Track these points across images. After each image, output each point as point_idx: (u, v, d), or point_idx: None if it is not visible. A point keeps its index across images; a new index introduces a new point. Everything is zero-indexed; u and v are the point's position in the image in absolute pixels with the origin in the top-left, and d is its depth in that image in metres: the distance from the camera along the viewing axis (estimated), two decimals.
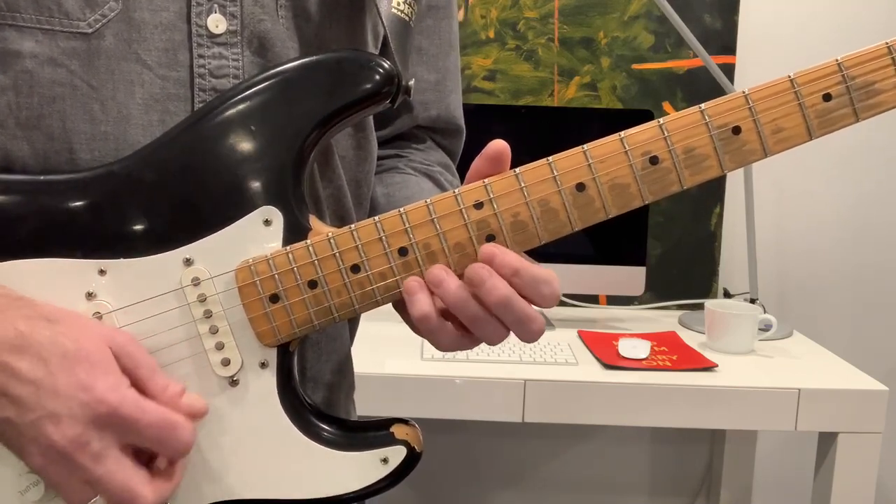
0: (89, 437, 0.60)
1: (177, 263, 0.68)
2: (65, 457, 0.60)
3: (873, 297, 2.21)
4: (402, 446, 0.69)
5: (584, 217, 0.68)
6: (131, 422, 0.61)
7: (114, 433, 0.61)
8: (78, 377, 0.60)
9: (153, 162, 0.68)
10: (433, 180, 0.92)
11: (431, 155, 0.96)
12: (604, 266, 1.99)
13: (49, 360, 0.60)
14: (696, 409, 1.62)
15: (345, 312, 0.69)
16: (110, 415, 0.60)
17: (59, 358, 0.60)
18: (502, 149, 0.68)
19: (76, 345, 0.61)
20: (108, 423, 0.60)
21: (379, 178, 0.91)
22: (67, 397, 0.60)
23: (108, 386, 0.60)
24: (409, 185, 0.89)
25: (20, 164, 0.69)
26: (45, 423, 0.60)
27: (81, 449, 0.60)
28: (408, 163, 0.93)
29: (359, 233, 0.68)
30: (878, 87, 0.66)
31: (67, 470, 0.61)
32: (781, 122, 0.67)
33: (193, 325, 0.68)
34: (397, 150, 0.95)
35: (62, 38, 0.68)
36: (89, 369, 0.60)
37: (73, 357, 0.60)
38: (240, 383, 0.69)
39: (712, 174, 0.67)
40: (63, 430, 0.60)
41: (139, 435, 0.61)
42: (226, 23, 0.71)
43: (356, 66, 0.71)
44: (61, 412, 0.59)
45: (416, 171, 0.93)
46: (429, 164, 0.94)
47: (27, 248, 0.67)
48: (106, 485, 0.61)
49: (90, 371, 0.60)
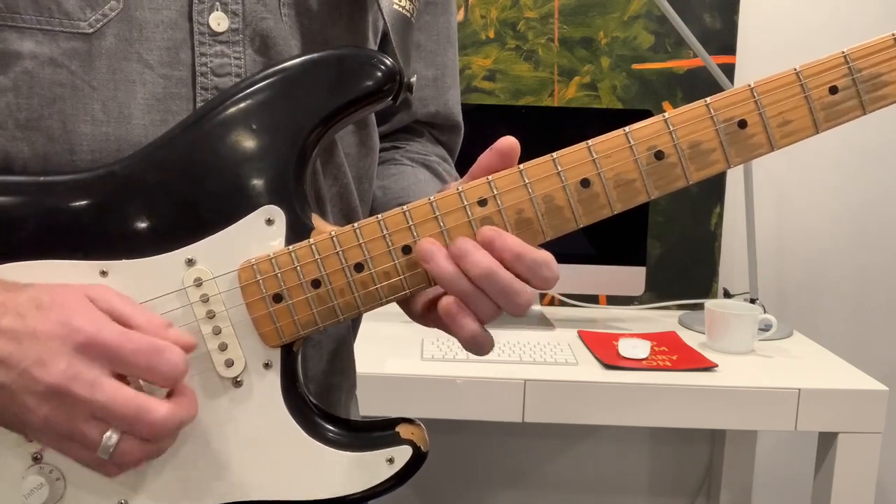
0: (77, 368, 0.59)
1: (179, 264, 0.68)
2: (61, 395, 0.59)
3: (873, 297, 2.21)
4: (407, 446, 0.69)
5: (588, 213, 0.68)
6: (115, 348, 0.60)
7: (101, 362, 0.60)
8: (55, 319, 0.60)
9: (154, 162, 0.68)
10: (430, 170, 0.92)
11: (430, 148, 0.96)
12: (604, 266, 1.99)
13: (26, 314, 0.60)
14: (696, 409, 1.62)
15: (349, 312, 0.69)
16: (91, 342, 0.59)
17: (35, 309, 0.60)
18: (513, 145, 0.68)
19: (51, 296, 0.61)
20: (92, 353, 0.59)
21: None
22: (47, 338, 0.59)
23: (86, 319, 0.60)
24: (405, 175, 0.89)
25: (20, 165, 0.68)
26: (32, 370, 0.59)
27: (74, 381, 0.59)
28: (404, 153, 0.93)
29: (362, 231, 0.68)
30: (884, 78, 0.66)
31: (69, 410, 0.59)
32: (788, 116, 0.66)
33: (196, 325, 0.68)
34: (393, 142, 0.94)
35: (62, 39, 0.68)
36: (66, 311, 0.60)
37: (48, 305, 0.60)
38: (244, 384, 0.68)
39: (718, 168, 0.67)
40: (50, 369, 0.59)
41: (125, 363, 0.60)
42: (228, 21, 0.71)
43: (357, 63, 0.70)
44: (44, 353, 0.59)
45: (413, 161, 0.92)
46: (426, 154, 0.94)
47: (28, 249, 0.66)
48: (112, 409, 0.59)
49: (66, 312, 0.60)
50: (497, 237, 0.66)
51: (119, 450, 0.61)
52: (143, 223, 0.68)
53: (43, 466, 0.66)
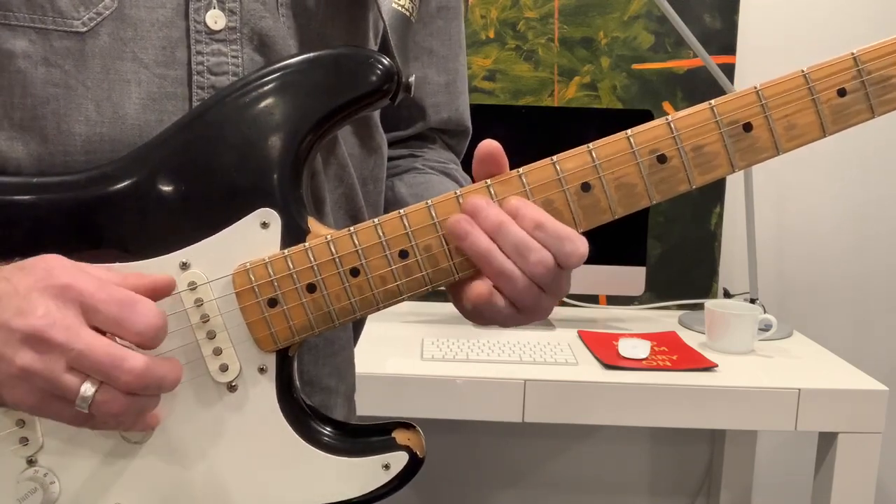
0: (55, 315, 0.58)
1: (173, 267, 0.67)
2: (38, 339, 0.58)
3: (873, 297, 2.21)
4: (404, 452, 0.69)
5: (589, 218, 0.67)
6: (87, 295, 0.59)
7: (77, 310, 0.59)
8: (36, 275, 0.60)
9: (148, 163, 0.67)
10: (452, 178, 0.92)
11: (443, 154, 0.96)
12: (604, 266, 1.98)
13: (10, 276, 0.60)
14: (696, 409, 1.61)
15: (345, 317, 0.68)
16: (67, 287, 0.59)
17: (18, 270, 0.61)
18: (492, 149, 0.67)
19: (35, 259, 0.61)
20: (68, 298, 0.59)
21: (400, 179, 0.90)
22: (27, 290, 0.59)
23: (65, 271, 0.60)
24: (433, 185, 0.89)
25: (14, 166, 0.68)
26: (11, 322, 0.59)
27: (52, 326, 0.58)
28: (424, 162, 0.93)
29: (358, 236, 0.67)
30: (895, 81, 0.64)
31: (47, 359, 0.59)
32: (794, 119, 0.65)
33: (190, 330, 0.67)
34: (411, 150, 0.94)
35: (56, 38, 0.67)
36: (47, 266, 0.60)
37: (31, 266, 0.61)
38: (238, 389, 0.68)
39: (722, 173, 0.66)
40: (28, 317, 0.58)
41: (98, 311, 0.59)
42: (225, 19, 0.70)
43: (354, 63, 0.69)
44: (23, 304, 0.59)
45: (435, 169, 0.92)
46: (444, 162, 0.94)
47: (20, 251, 0.65)
48: (88, 356, 0.58)
49: (47, 267, 0.60)
50: (522, 206, 0.65)
51: (96, 400, 0.59)
52: (137, 225, 0.67)
53: (38, 470, 0.66)
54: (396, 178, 0.90)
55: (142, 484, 0.68)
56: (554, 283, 0.67)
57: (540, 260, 0.65)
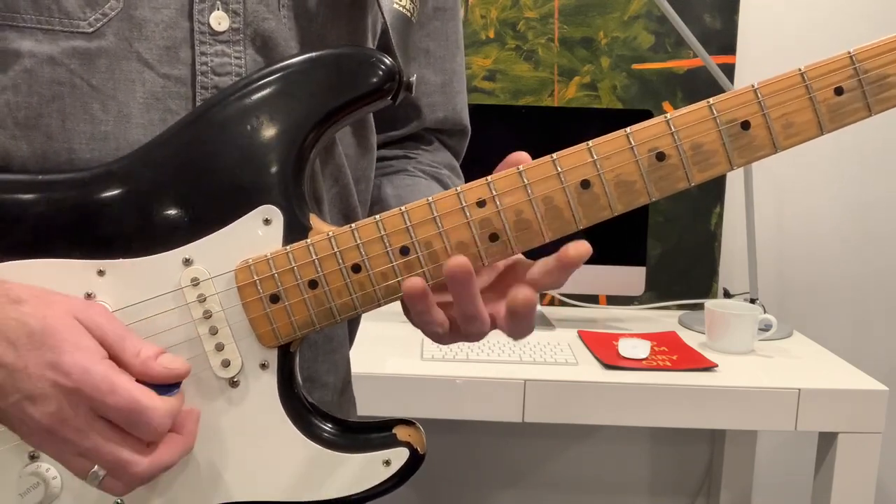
0: (66, 413, 0.60)
1: (176, 263, 0.67)
2: (51, 433, 0.61)
3: (873, 297, 2.21)
4: (404, 448, 0.69)
5: (589, 215, 0.67)
6: (97, 401, 0.60)
7: (87, 409, 0.60)
8: (45, 357, 0.60)
9: (151, 161, 0.68)
10: (442, 184, 0.92)
11: (438, 156, 0.96)
12: (604, 266, 1.98)
13: (17, 342, 0.60)
14: (696, 409, 1.61)
15: (346, 313, 0.68)
16: (76, 391, 0.60)
17: (27, 338, 0.60)
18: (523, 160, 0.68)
19: (42, 323, 0.61)
20: (78, 401, 0.60)
21: (388, 179, 0.90)
22: (38, 377, 0.60)
23: (74, 361, 0.60)
24: (419, 187, 0.89)
25: (19, 163, 0.68)
26: (24, 405, 0.60)
27: (63, 424, 0.60)
28: (416, 164, 0.93)
29: (359, 232, 0.67)
30: (891, 80, 0.65)
31: (59, 445, 0.61)
32: (792, 117, 0.65)
33: (193, 325, 0.67)
34: (405, 150, 0.94)
35: (62, 38, 0.68)
36: (55, 346, 0.60)
37: (39, 336, 0.60)
38: (240, 384, 0.68)
39: (721, 170, 0.66)
40: (41, 409, 0.60)
41: (108, 415, 0.61)
42: (228, 20, 0.71)
43: (357, 62, 0.70)
44: (35, 392, 0.60)
45: (425, 173, 0.92)
46: (436, 167, 0.94)
47: (25, 248, 0.66)
48: (96, 457, 0.61)
49: (56, 348, 0.60)
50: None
51: (105, 485, 0.63)
52: (141, 222, 0.67)
53: (40, 465, 0.66)
54: (385, 177, 0.91)
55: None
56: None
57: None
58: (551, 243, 0.68)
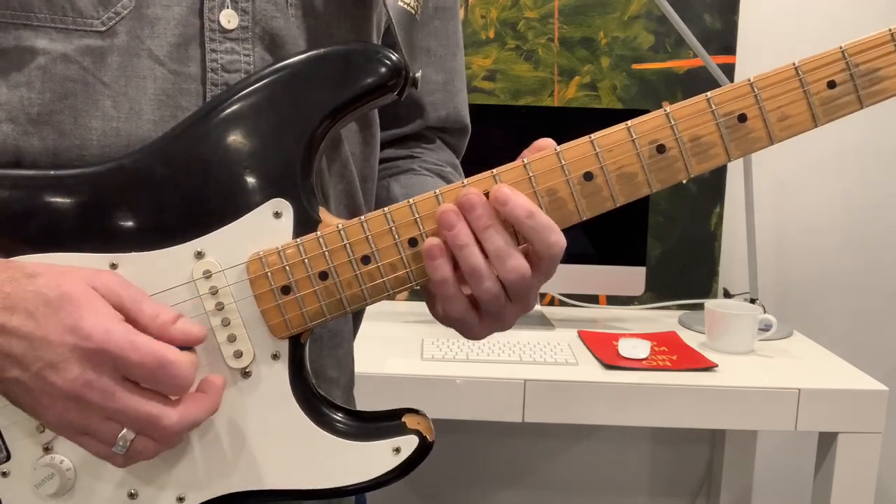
0: (89, 375, 0.60)
1: (188, 256, 0.68)
2: (76, 399, 0.61)
3: (873, 297, 2.22)
4: (413, 436, 0.70)
5: (592, 206, 0.69)
6: (121, 359, 0.60)
7: (111, 369, 0.61)
8: (63, 321, 0.60)
9: (163, 156, 0.69)
10: (446, 181, 0.93)
11: (441, 154, 0.98)
12: (604, 266, 1.99)
13: (35, 312, 0.61)
14: (696, 409, 1.62)
15: (356, 304, 0.69)
16: (99, 352, 0.60)
17: (44, 307, 0.61)
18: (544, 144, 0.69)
19: (58, 291, 0.61)
20: (101, 361, 0.60)
21: (396, 179, 0.92)
22: (58, 343, 0.60)
23: (94, 323, 0.60)
24: (426, 184, 0.90)
25: (31, 159, 0.69)
26: (46, 373, 0.60)
27: (88, 387, 0.60)
28: (421, 164, 0.95)
29: (369, 224, 0.68)
30: (881, 73, 0.67)
31: (84, 412, 0.61)
32: (787, 110, 0.67)
33: (205, 317, 0.68)
34: (409, 150, 0.96)
35: (76, 36, 0.69)
36: (73, 311, 0.61)
37: (56, 303, 0.61)
38: (252, 375, 0.69)
39: (719, 162, 0.68)
40: (64, 375, 0.60)
41: (131, 372, 0.61)
42: (237, 18, 0.72)
43: (364, 58, 0.71)
44: (56, 359, 0.60)
45: (430, 171, 0.94)
46: (441, 165, 0.96)
47: (38, 243, 0.67)
48: (125, 415, 0.61)
49: (74, 312, 0.61)
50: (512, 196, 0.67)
51: (133, 447, 0.62)
52: (152, 216, 0.68)
53: (54, 457, 0.67)
54: (392, 178, 0.92)
55: (156, 469, 0.69)
56: (522, 293, 0.69)
57: (515, 267, 0.67)
58: None
